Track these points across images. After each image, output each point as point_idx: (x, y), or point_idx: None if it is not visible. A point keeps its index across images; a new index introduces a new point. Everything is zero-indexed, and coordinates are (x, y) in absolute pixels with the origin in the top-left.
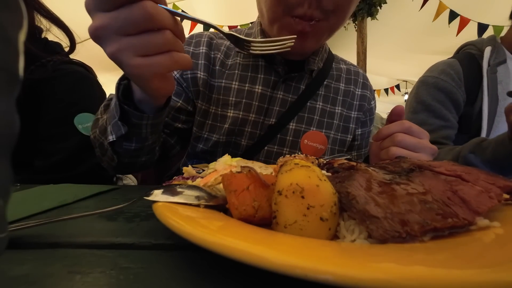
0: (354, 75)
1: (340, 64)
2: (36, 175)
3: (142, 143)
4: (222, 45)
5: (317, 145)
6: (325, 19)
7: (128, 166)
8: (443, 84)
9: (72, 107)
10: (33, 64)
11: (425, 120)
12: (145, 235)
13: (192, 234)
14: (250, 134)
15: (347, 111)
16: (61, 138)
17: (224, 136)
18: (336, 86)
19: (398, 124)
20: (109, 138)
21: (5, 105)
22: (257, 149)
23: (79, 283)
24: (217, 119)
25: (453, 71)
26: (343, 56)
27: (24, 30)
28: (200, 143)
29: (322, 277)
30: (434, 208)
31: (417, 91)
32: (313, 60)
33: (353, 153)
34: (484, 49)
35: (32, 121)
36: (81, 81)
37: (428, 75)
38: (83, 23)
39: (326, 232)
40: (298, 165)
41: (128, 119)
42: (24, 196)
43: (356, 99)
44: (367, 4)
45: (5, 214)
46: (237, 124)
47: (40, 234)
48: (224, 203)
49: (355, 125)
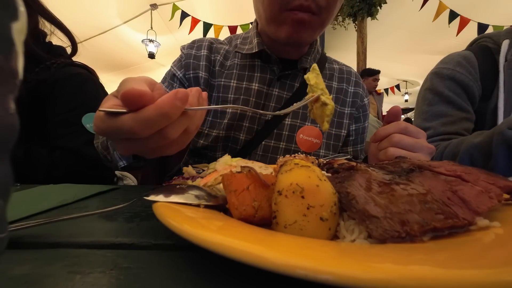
0: (347, 74)
1: (333, 65)
2: None
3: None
4: (221, 49)
5: (312, 139)
6: (318, 14)
7: (133, 169)
8: (460, 77)
9: (80, 108)
10: (38, 66)
11: (444, 112)
12: (145, 235)
13: (192, 234)
14: (248, 129)
15: (341, 107)
16: (72, 137)
17: (224, 130)
18: (329, 84)
19: (395, 125)
20: (120, 164)
21: (4, 105)
22: (255, 143)
23: (79, 283)
24: (217, 115)
25: (469, 64)
26: (343, 56)
27: (23, 30)
28: (201, 138)
29: (322, 277)
30: (434, 208)
31: (432, 82)
32: (305, 59)
33: (349, 149)
34: (502, 43)
35: (37, 121)
36: (86, 83)
37: (443, 66)
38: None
39: (326, 232)
40: (298, 165)
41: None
42: (24, 196)
43: (349, 96)
44: (367, 4)
45: (5, 214)
46: (235, 119)
47: (40, 234)
48: (224, 203)
49: (348, 120)
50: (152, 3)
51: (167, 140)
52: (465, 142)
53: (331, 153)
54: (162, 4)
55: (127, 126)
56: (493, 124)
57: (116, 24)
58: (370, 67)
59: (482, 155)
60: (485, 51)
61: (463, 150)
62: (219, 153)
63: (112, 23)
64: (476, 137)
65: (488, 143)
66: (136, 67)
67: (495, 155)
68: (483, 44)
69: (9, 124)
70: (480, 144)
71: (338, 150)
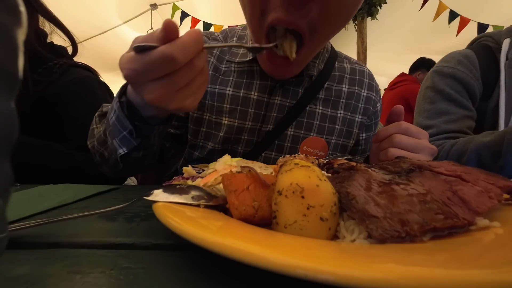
0: (359, 75)
1: (344, 64)
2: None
3: (148, 150)
4: (214, 48)
5: (317, 151)
6: (311, 32)
7: (131, 171)
8: (461, 75)
9: (94, 111)
10: (41, 66)
11: (447, 109)
12: (145, 235)
13: (192, 234)
14: (247, 142)
15: (351, 114)
16: None
17: (220, 144)
18: (338, 88)
19: (396, 125)
20: (120, 152)
21: (4, 105)
22: (254, 155)
23: (79, 283)
24: (212, 127)
25: (469, 62)
26: None
27: (23, 30)
28: (196, 150)
29: (322, 277)
30: (434, 208)
31: (433, 80)
32: (313, 64)
33: (357, 157)
34: (503, 42)
35: (42, 122)
36: (95, 85)
37: (444, 65)
38: (82, 24)
39: (326, 232)
40: (298, 165)
41: (138, 133)
42: (24, 196)
43: (361, 101)
44: (367, 4)
45: (5, 214)
46: (232, 133)
47: (40, 234)
48: (224, 203)
49: (358, 130)
50: (152, 3)
51: (196, 71)
52: (474, 140)
53: None
54: (162, 4)
55: (167, 53)
56: (493, 123)
57: (116, 24)
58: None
59: (491, 154)
60: (486, 50)
61: (471, 148)
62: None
63: (112, 23)
64: (486, 136)
65: (499, 143)
66: None
67: (506, 154)
68: (484, 43)
69: (10, 124)
70: (490, 143)
71: None
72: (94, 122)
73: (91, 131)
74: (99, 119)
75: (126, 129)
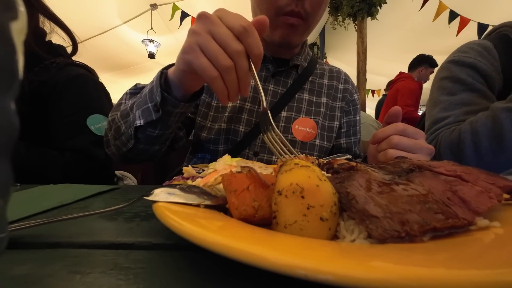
0: (336, 73)
1: (324, 65)
2: None
3: (164, 131)
4: None
5: (308, 129)
6: (305, 19)
7: (139, 153)
8: (482, 66)
9: (85, 109)
10: (37, 65)
11: (469, 100)
12: (145, 235)
13: (192, 234)
14: (247, 121)
15: (332, 102)
16: (80, 138)
17: (225, 123)
18: (320, 82)
19: (393, 127)
20: (137, 122)
21: (4, 105)
22: (254, 134)
23: (79, 283)
24: (219, 110)
25: (490, 55)
26: (343, 56)
27: (23, 30)
28: (204, 132)
29: (322, 277)
30: (434, 208)
31: (451, 70)
32: (296, 58)
33: (342, 140)
34: None
35: (39, 122)
36: (89, 84)
37: (463, 55)
38: (82, 24)
39: (326, 232)
40: (298, 165)
41: (163, 106)
42: (24, 196)
43: (339, 92)
44: (367, 4)
45: (5, 214)
46: (235, 112)
47: (40, 234)
48: (224, 203)
49: (340, 113)
50: (152, 3)
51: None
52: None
53: (325, 143)
54: (162, 4)
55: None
56: None
57: (116, 24)
58: (370, 67)
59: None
60: (506, 41)
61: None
62: (221, 146)
63: (112, 23)
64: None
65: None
66: (136, 67)
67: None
68: (504, 34)
69: (10, 124)
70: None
71: (332, 141)
72: (123, 97)
73: (117, 105)
74: (130, 96)
75: (152, 101)
